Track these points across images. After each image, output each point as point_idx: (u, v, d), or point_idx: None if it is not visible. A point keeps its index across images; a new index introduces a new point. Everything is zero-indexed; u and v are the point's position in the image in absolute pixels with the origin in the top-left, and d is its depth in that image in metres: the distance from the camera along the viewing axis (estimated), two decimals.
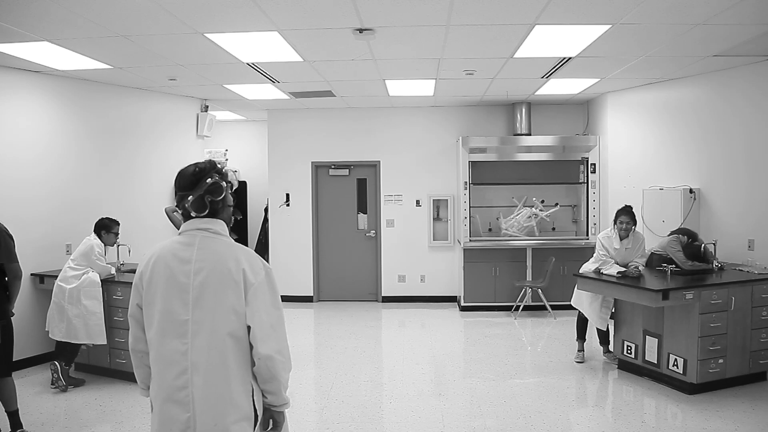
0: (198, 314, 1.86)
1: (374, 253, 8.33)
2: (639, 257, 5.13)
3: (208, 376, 1.84)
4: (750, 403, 4.31)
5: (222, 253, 1.93)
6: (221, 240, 1.97)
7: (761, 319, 4.65)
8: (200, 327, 1.86)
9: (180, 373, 1.84)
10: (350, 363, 5.48)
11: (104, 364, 5.05)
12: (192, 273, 1.89)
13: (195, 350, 1.85)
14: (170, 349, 1.86)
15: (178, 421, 1.83)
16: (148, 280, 1.93)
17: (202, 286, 1.88)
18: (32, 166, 5.42)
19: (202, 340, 1.85)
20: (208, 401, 1.84)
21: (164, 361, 1.87)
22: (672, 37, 4.55)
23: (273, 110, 8.26)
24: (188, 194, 1.95)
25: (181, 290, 1.88)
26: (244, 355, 1.90)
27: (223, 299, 1.87)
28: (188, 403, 1.83)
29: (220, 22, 4.09)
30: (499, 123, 8.12)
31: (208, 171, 1.98)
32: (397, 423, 4.09)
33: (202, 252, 1.92)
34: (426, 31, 4.39)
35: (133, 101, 6.52)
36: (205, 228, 1.96)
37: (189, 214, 1.97)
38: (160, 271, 1.91)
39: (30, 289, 5.40)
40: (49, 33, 4.26)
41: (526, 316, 7.31)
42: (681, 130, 6.21)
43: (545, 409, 4.27)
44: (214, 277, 1.88)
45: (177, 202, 2.00)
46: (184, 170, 2.01)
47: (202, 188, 1.95)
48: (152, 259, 1.96)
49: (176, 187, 2.01)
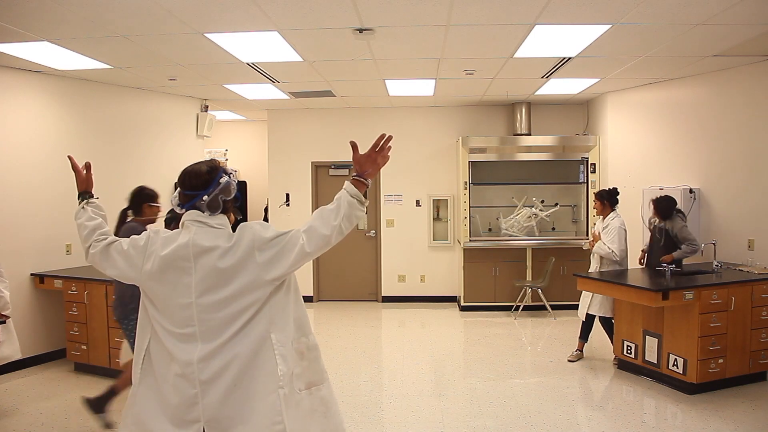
0: (202, 297, 1.86)
1: (374, 253, 8.33)
2: (608, 241, 5.21)
3: (219, 348, 1.84)
4: (750, 403, 4.31)
5: (215, 236, 1.91)
6: (217, 232, 1.94)
7: (761, 319, 4.66)
8: (205, 309, 1.85)
9: (186, 351, 1.84)
10: (350, 363, 5.48)
11: (104, 364, 5.05)
12: (192, 257, 1.88)
13: (203, 332, 1.84)
14: (179, 332, 1.86)
15: (186, 395, 1.83)
16: (152, 266, 1.91)
17: (203, 268, 1.87)
18: (32, 166, 5.42)
19: (209, 321, 1.85)
20: (220, 370, 1.83)
21: (173, 341, 1.86)
22: (672, 37, 4.55)
23: (273, 110, 8.26)
24: (201, 193, 1.93)
25: (183, 273, 1.88)
26: (257, 324, 1.87)
27: (226, 278, 1.86)
28: (194, 380, 1.83)
29: (220, 22, 4.09)
30: (499, 123, 8.12)
31: (219, 170, 1.97)
32: (397, 423, 4.09)
33: (199, 238, 1.90)
34: (426, 31, 4.39)
35: (133, 101, 6.52)
36: (202, 221, 1.93)
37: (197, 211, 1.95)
38: (164, 257, 1.90)
39: (30, 289, 5.40)
40: (49, 33, 4.26)
41: (526, 316, 7.31)
42: (681, 130, 6.21)
43: (545, 409, 4.27)
44: (214, 258, 1.87)
45: (184, 201, 1.96)
46: (194, 169, 1.97)
47: (217, 187, 1.94)
48: (155, 244, 1.94)
49: (185, 186, 1.96)
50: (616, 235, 5.15)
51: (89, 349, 5.10)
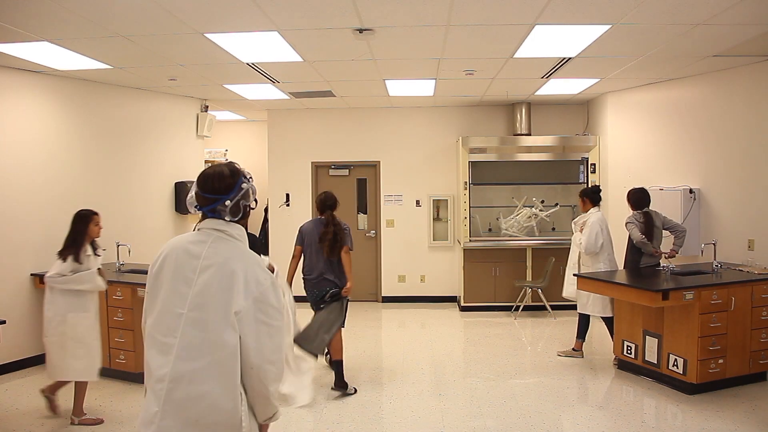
0: (194, 311, 1.83)
1: (374, 253, 8.33)
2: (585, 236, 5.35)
3: (191, 375, 1.80)
4: (750, 403, 4.31)
5: (231, 256, 1.89)
6: (234, 244, 1.93)
7: (761, 319, 4.65)
8: (193, 324, 1.82)
9: (162, 365, 1.81)
10: (350, 363, 5.47)
11: (104, 364, 5.03)
12: (198, 269, 1.86)
13: (182, 347, 1.81)
14: (161, 340, 1.84)
15: (149, 412, 1.82)
16: (158, 270, 1.91)
17: (204, 284, 1.85)
18: (32, 166, 5.42)
19: (192, 338, 1.82)
20: (184, 401, 1.80)
21: (153, 351, 1.85)
22: (672, 37, 4.55)
23: (273, 110, 8.26)
24: (223, 198, 1.91)
25: (185, 284, 1.86)
26: (234, 361, 1.83)
27: (222, 301, 1.83)
28: (160, 398, 1.80)
29: (220, 22, 4.09)
30: (499, 123, 8.12)
31: (240, 174, 1.95)
32: (397, 423, 4.09)
33: (213, 251, 1.88)
34: (426, 31, 4.39)
35: (133, 101, 6.52)
36: (221, 230, 1.92)
37: (219, 217, 1.93)
38: (171, 263, 1.89)
39: (29, 289, 5.39)
40: (49, 33, 4.26)
41: (526, 316, 7.31)
42: (681, 130, 6.21)
43: (545, 409, 4.27)
44: (219, 277, 1.85)
45: (203, 204, 1.93)
46: (217, 172, 1.94)
47: (239, 192, 1.92)
48: (165, 250, 1.93)
49: (206, 189, 1.92)
50: (589, 229, 5.32)
51: None
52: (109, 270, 5.52)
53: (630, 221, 5.21)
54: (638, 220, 5.18)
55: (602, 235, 5.31)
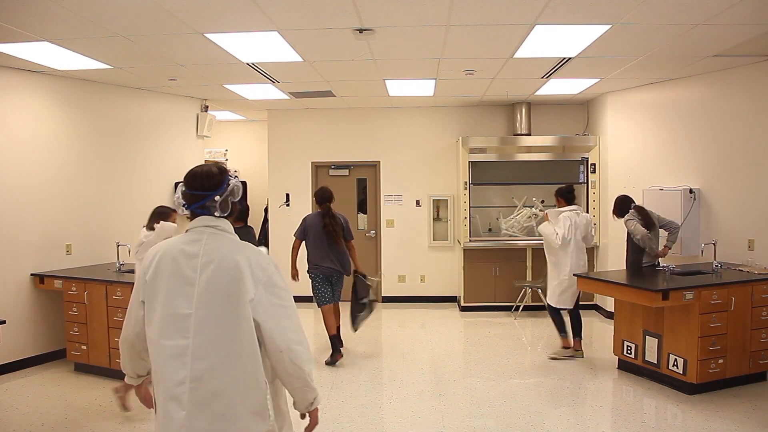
0: (202, 309, 1.84)
1: (374, 253, 8.33)
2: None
3: (212, 371, 1.81)
4: (750, 403, 4.31)
5: (229, 249, 1.92)
6: (228, 237, 1.97)
7: (761, 319, 4.66)
8: (204, 322, 1.83)
9: (179, 368, 1.81)
10: (350, 363, 5.48)
11: (104, 364, 5.04)
12: (199, 267, 1.87)
13: (197, 346, 1.82)
14: (171, 344, 1.83)
15: (174, 420, 1.80)
16: (153, 275, 1.91)
17: (208, 281, 1.86)
18: (32, 166, 5.42)
19: (206, 336, 1.83)
20: (207, 397, 1.81)
21: (165, 357, 1.84)
22: (672, 37, 4.55)
23: (273, 110, 8.26)
24: (212, 194, 1.95)
25: (187, 284, 1.86)
26: (253, 351, 1.86)
27: (230, 295, 1.85)
28: (183, 401, 1.80)
29: (220, 22, 4.09)
30: (499, 123, 8.12)
31: (227, 172, 2.01)
32: (397, 423, 4.09)
33: (210, 247, 1.91)
34: (426, 31, 4.39)
35: (133, 101, 6.52)
36: (214, 225, 1.95)
37: (208, 213, 1.97)
38: (166, 266, 1.89)
39: (30, 289, 5.40)
40: (49, 33, 4.26)
41: (526, 316, 7.31)
42: (681, 130, 6.20)
43: (545, 409, 4.27)
44: (222, 272, 1.86)
45: (191, 201, 1.96)
46: (205, 170, 1.98)
47: (227, 189, 1.97)
48: (157, 254, 1.93)
49: (195, 187, 1.96)
50: (562, 222, 5.43)
51: (89, 350, 5.10)
52: (109, 270, 5.54)
53: (630, 218, 5.23)
54: (637, 216, 5.21)
55: (573, 229, 5.41)
